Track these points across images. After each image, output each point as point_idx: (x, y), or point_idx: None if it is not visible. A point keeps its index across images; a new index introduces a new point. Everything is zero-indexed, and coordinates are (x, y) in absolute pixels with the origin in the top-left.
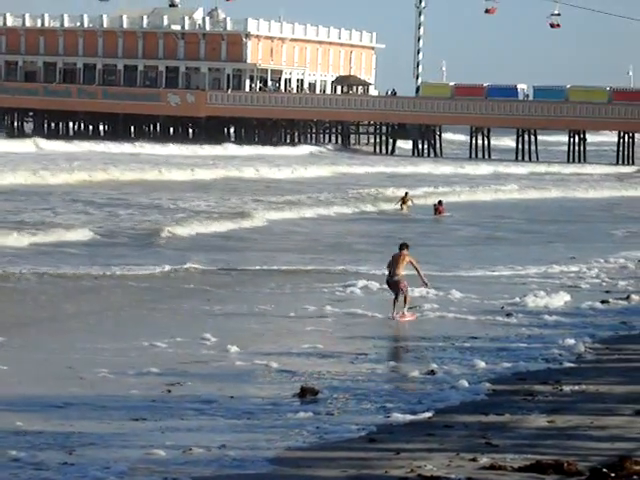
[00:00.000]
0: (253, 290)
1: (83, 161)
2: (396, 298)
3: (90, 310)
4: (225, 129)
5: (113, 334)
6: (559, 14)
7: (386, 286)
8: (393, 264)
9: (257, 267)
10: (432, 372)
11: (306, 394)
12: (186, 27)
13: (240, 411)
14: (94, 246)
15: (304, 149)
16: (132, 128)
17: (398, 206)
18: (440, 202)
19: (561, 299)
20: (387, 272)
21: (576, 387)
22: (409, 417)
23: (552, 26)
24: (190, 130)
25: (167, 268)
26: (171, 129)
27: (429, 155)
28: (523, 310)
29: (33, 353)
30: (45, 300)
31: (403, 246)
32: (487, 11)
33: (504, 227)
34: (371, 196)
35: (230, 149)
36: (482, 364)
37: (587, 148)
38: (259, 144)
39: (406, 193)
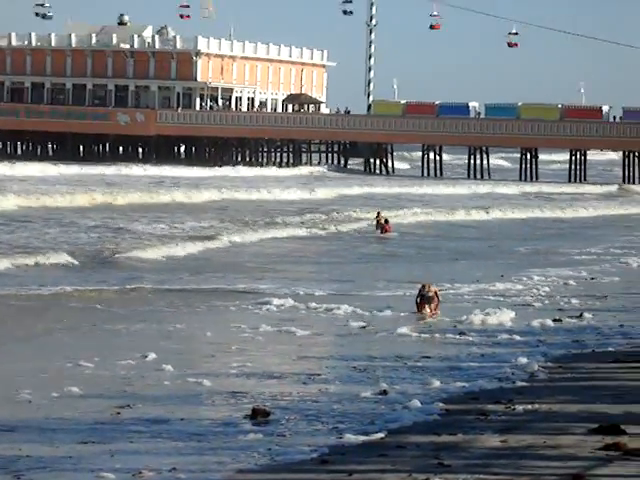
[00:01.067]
0: (188, 310)
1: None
2: (424, 307)
3: (33, 331)
4: (175, 148)
5: (51, 355)
6: (517, 33)
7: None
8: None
9: (194, 286)
10: (384, 392)
11: (257, 415)
12: (135, 45)
13: (190, 433)
14: (63, 268)
15: (303, 170)
16: (81, 148)
17: (374, 227)
18: (386, 221)
19: (506, 316)
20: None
21: (529, 406)
22: (362, 438)
23: (510, 45)
24: (140, 149)
25: (113, 289)
26: (120, 148)
27: (381, 173)
28: (471, 328)
29: None
30: None
31: (426, 285)
32: (432, 27)
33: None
34: (339, 220)
35: (228, 170)
36: (435, 383)
37: (540, 166)
38: (210, 164)
39: (378, 213)
